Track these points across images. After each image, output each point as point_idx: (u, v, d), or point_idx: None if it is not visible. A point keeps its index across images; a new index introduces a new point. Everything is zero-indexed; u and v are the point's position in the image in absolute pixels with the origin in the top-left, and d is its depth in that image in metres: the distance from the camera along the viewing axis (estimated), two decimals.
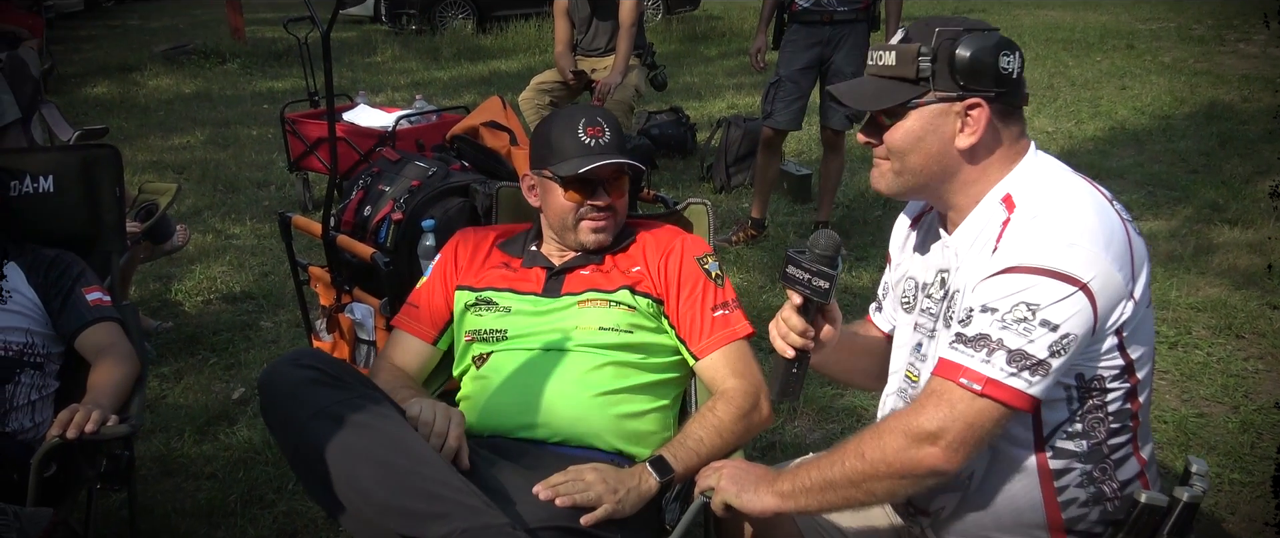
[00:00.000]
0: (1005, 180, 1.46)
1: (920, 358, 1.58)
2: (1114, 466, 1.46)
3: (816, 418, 3.10)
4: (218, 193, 5.89)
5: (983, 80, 1.41)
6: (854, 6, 4.33)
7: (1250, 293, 3.96)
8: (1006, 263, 1.35)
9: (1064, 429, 1.44)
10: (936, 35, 1.42)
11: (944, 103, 1.43)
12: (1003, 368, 1.32)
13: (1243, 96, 7.82)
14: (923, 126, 1.44)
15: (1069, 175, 1.46)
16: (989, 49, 1.40)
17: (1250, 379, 3.29)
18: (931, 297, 1.55)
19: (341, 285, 2.89)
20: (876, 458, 1.38)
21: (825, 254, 1.42)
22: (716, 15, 14.67)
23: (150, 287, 4.31)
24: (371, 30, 14.25)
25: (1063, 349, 1.32)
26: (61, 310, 2.19)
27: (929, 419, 1.35)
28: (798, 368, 1.52)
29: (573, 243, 2.00)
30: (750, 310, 2.06)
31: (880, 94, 1.47)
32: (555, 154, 1.97)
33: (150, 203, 3.34)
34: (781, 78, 4.45)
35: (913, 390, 1.59)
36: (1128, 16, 13.04)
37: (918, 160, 1.46)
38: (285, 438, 1.62)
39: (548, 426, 1.82)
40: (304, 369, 1.61)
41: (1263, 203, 5.08)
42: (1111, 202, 1.42)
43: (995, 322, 1.33)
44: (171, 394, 3.34)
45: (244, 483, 2.79)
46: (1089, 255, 1.32)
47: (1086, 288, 1.31)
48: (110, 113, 8.45)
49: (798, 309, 1.48)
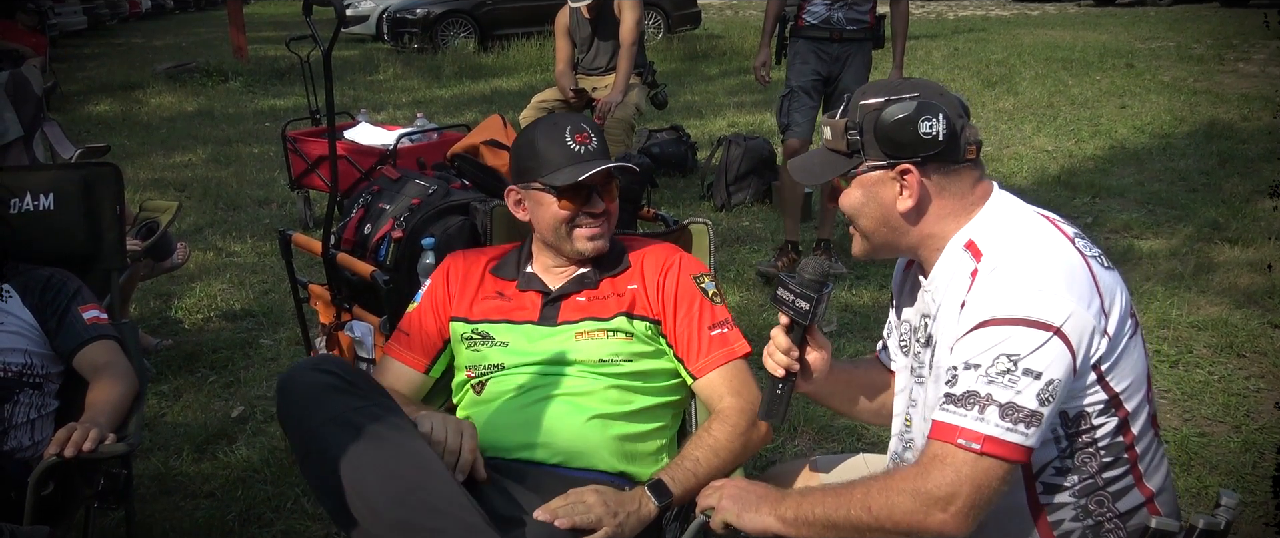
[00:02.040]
0: (965, 228, 1.50)
1: (912, 404, 1.61)
2: (1112, 498, 1.46)
3: (817, 437, 3.09)
4: (219, 211, 5.91)
5: (906, 148, 1.46)
6: (862, 25, 4.35)
7: (1251, 312, 3.96)
8: (979, 318, 1.37)
9: (1052, 466, 1.45)
10: (860, 109, 1.49)
11: (879, 170, 1.50)
12: (997, 424, 1.33)
13: (1242, 115, 7.84)
14: (864, 194, 1.52)
15: (1029, 217, 1.49)
16: (908, 118, 1.44)
17: (1251, 398, 3.28)
18: (919, 341, 1.58)
19: (341, 304, 2.89)
20: (883, 515, 1.39)
21: (812, 279, 1.50)
22: (717, 34, 14.74)
23: (150, 304, 4.31)
24: (373, 49, 14.33)
25: (1051, 396, 1.33)
26: (58, 330, 2.18)
27: (936, 485, 1.35)
28: (782, 389, 1.58)
29: (569, 253, 1.97)
30: (748, 329, 2.05)
31: (823, 167, 1.56)
32: (544, 165, 1.92)
33: (151, 221, 3.34)
34: (794, 89, 4.44)
35: (908, 435, 1.61)
36: (1127, 36, 13.10)
37: (867, 224, 1.55)
38: (298, 439, 1.62)
39: (547, 446, 1.81)
40: (324, 374, 1.61)
41: (1263, 221, 5.08)
42: (1073, 239, 1.44)
43: (980, 378, 1.35)
44: (170, 412, 3.34)
45: (243, 502, 2.78)
46: (1054, 298, 1.34)
47: (1059, 331, 1.33)
48: (112, 131, 8.49)
49: (785, 330, 1.55)
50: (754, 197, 5.76)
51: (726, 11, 20.79)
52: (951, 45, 13.08)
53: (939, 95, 1.48)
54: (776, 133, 4.73)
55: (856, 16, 4.34)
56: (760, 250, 4.91)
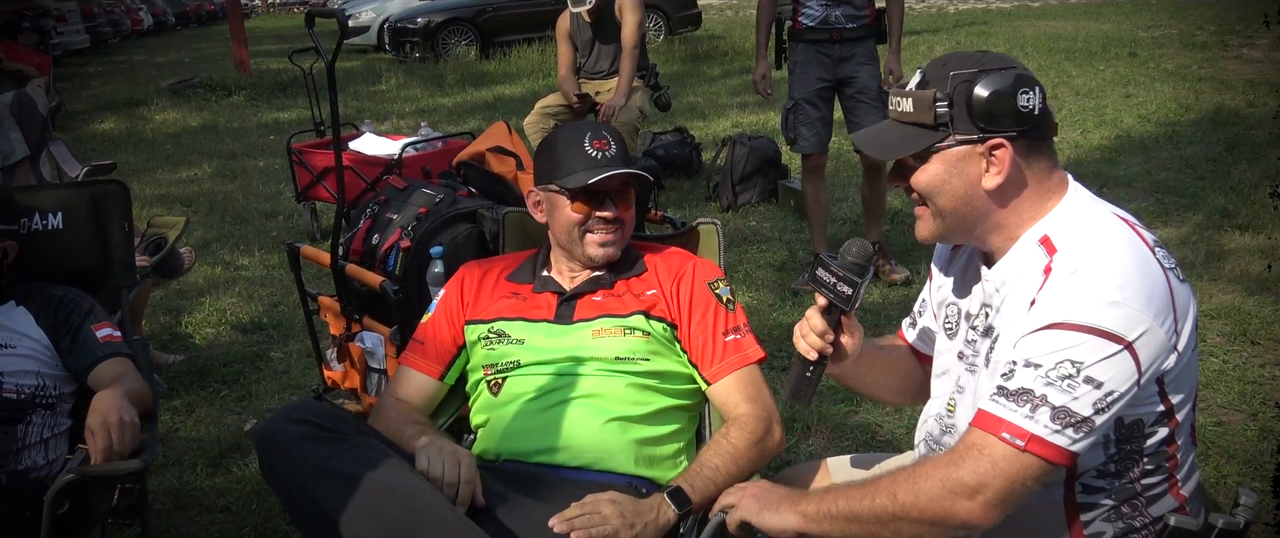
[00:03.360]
0: (1042, 221, 1.44)
1: (959, 390, 1.56)
2: (1146, 503, 1.44)
3: (831, 436, 3.08)
4: (226, 224, 5.92)
5: (1003, 121, 1.39)
6: (862, 22, 4.21)
7: (1264, 299, 3.94)
8: (1049, 319, 1.32)
9: (1095, 470, 1.42)
10: (951, 80, 1.41)
11: (966, 145, 1.42)
12: (1047, 425, 1.30)
13: (1248, 102, 7.81)
14: (947, 170, 1.43)
15: (1109, 219, 1.42)
16: (1007, 89, 1.38)
17: (1267, 386, 3.27)
18: (975, 329, 1.53)
19: (351, 315, 2.89)
20: (909, 502, 1.36)
21: (856, 263, 1.46)
22: (718, 35, 14.74)
23: (160, 320, 4.32)
24: (376, 59, 14.35)
25: (1107, 407, 1.30)
26: (71, 349, 2.19)
27: (969, 473, 1.32)
28: (812, 371, 1.54)
29: (580, 257, 1.98)
30: (760, 330, 2.05)
31: (901, 142, 1.46)
32: (561, 168, 1.95)
33: (159, 237, 3.35)
34: (798, 101, 4.28)
35: (950, 420, 1.57)
36: (1129, 25, 13.06)
37: (947, 203, 1.45)
38: (286, 496, 1.62)
39: (567, 450, 1.80)
40: (299, 424, 1.61)
41: (1273, 208, 5.06)
42: (1153, 249, 1.38)
43: (1039, 377, 1.31)
44: (184, 428, 3.34)
45: (257, 516, 2.78)
46: (1132, 313, 1.29)
47: (1131, 347, 1.29)
48: (118, 148, 8.51)
49: (822, 311, 1.51)
50: (760, 196, 5.75)
51: (727, 12, 20.78)
52: (953, 39, 13.06)
53: (1023, 68, 1.43)
54: (780, 131, 4.67)
55: (855, 13, 4.18)
56: (769, 250, 4.90)
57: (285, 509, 1.67)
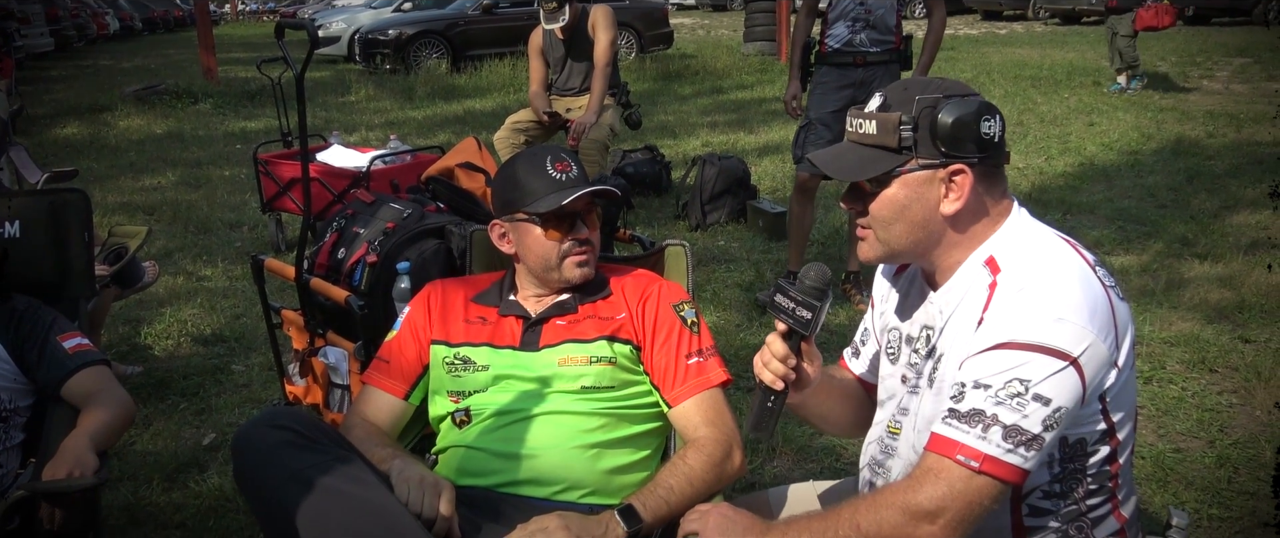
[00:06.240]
0: (988, 242, 1.46)
1: (902, 412, 1.57)
2: (1091, 525, 1.46)
3: (796, 458, 3.08)
4: (189, 234, 5.84)
5: (965, 146, 1.40)
6: (887, 47, 4.16)
7: (1222, 327, 4.00)
8: (997, 339, 1.34)
9: (1041, 490, 1.44)
10: (916, 103, 1.42)
11: (928, 170, 1.43)
12: (999, 444, 1.31)
13: (1208, 132, 7.96)
14: (907, 194, 1.44)
15: (1052, 240, 1.45)
16: (970, 115, 1.40)
17: (1225, 413, 3.31)
18: (917, 352, 1.54)
19: (315, 329, 2.86)
20: (871, 531, 1.37)
21: (814, 287, 1.44)
22: (690, 54, 14.81)
23: (119, 330, 4.24)
24: (345, 69, 14.28)
25: (1056, 423, 1.32)
26: (39, 363, 2.13)
27: (927, 498, 1.33)
28: (774, 402, 1.52)
29: (557, 282, 1.97)
30: (727, 350, 2.05)
31: (863, 164, 1.46)
32: (527, 195, 1.93)
33: (120, 246, 3.30)
34: (812, 120, 4.22)
35: (892, 442, 1.58)
36: (1093, 54, 13.27)
37: (903, 228, 1.46)
38: (258, 501, 1.58)
39: (532, 480, 1.79)
40: (279, 430, 1.57)
41: (1231, 237, 5.15)
42: (1094, 267, 1.41)
43: (989, 398, 1.32)
44: (140, 441, 3.28)
45: (215, 532, 2.72)
46: (1077, 329, 1.32)
47: (1076, 362, 1.31)
48: (80, 154, 8.38)
49: (783, 336, 1.50)
50: (729, 216, 5.77)
51: (698, 31, 20.90)
52: None
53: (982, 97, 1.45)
54: (751, 152, 4.68)
55: (880, 38, 4.13)
56: (737, 270, 4.91)
57: (255, 516, 1.63)
